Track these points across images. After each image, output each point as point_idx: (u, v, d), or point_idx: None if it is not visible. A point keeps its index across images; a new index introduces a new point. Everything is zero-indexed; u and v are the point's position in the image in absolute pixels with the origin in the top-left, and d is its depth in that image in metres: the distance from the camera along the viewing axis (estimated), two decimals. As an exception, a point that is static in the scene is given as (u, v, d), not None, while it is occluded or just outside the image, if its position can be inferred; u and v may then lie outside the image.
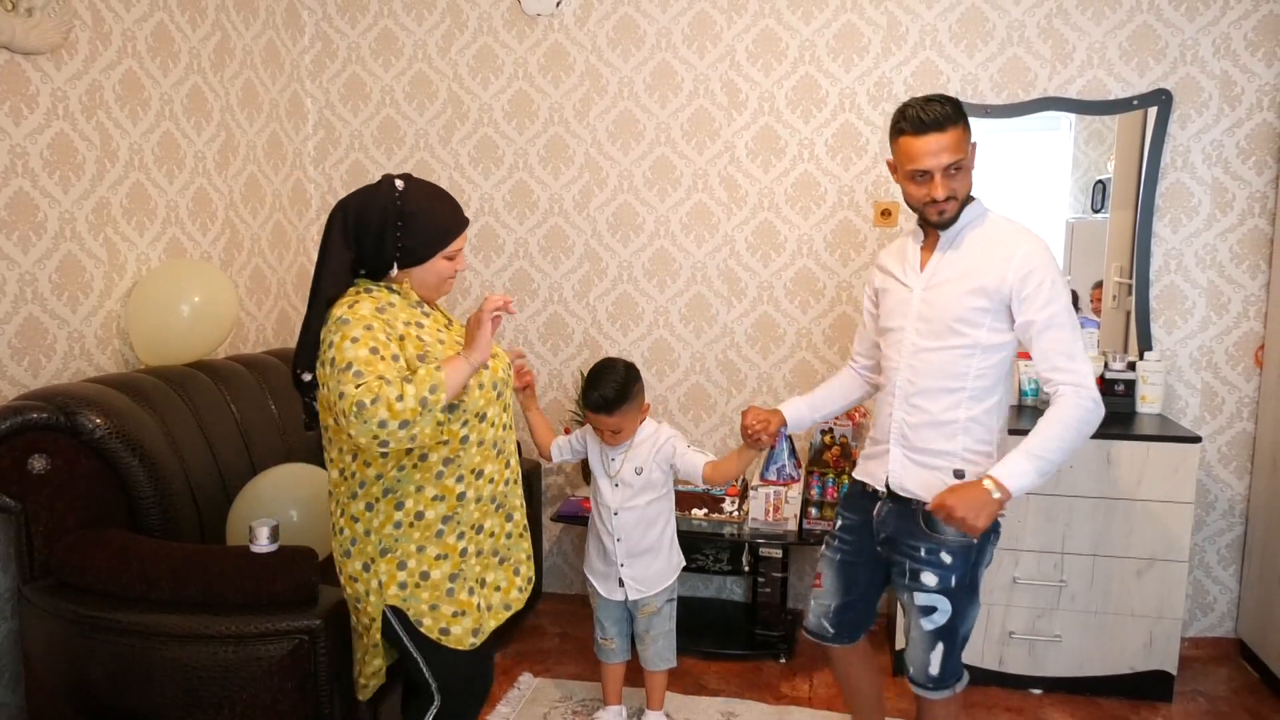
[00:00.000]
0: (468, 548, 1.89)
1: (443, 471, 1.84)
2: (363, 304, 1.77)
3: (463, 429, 1.83)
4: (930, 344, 2.00)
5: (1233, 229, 3.14)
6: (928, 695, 2.07)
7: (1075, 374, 1.88)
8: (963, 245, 2.00)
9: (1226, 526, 3.26)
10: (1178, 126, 3.12)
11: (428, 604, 1.87)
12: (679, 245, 3.49)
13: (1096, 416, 1.89)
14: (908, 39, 3.25)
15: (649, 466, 2.52)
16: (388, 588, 1.85)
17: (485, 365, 1.83)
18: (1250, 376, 3.19)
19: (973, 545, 1.98)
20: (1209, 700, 2.93)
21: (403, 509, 1.83)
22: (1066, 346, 1.89)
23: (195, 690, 2.10)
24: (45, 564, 2.26)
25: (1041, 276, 1.90)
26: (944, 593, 1.99)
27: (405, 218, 1.81)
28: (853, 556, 2.18)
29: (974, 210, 2.02)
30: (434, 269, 1.87)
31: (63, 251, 2.60)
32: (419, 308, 1.90)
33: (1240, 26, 3.05)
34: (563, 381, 3.64)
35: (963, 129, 1.93)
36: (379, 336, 1.72)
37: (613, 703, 2.72)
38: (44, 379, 2.56)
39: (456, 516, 1.86)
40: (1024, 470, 1.86)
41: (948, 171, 1.93)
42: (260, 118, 3.39)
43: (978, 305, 1.94)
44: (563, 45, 3.46)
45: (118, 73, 2.74)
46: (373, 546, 1.85)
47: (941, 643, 2.02)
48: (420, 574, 1.85)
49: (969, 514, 1.83)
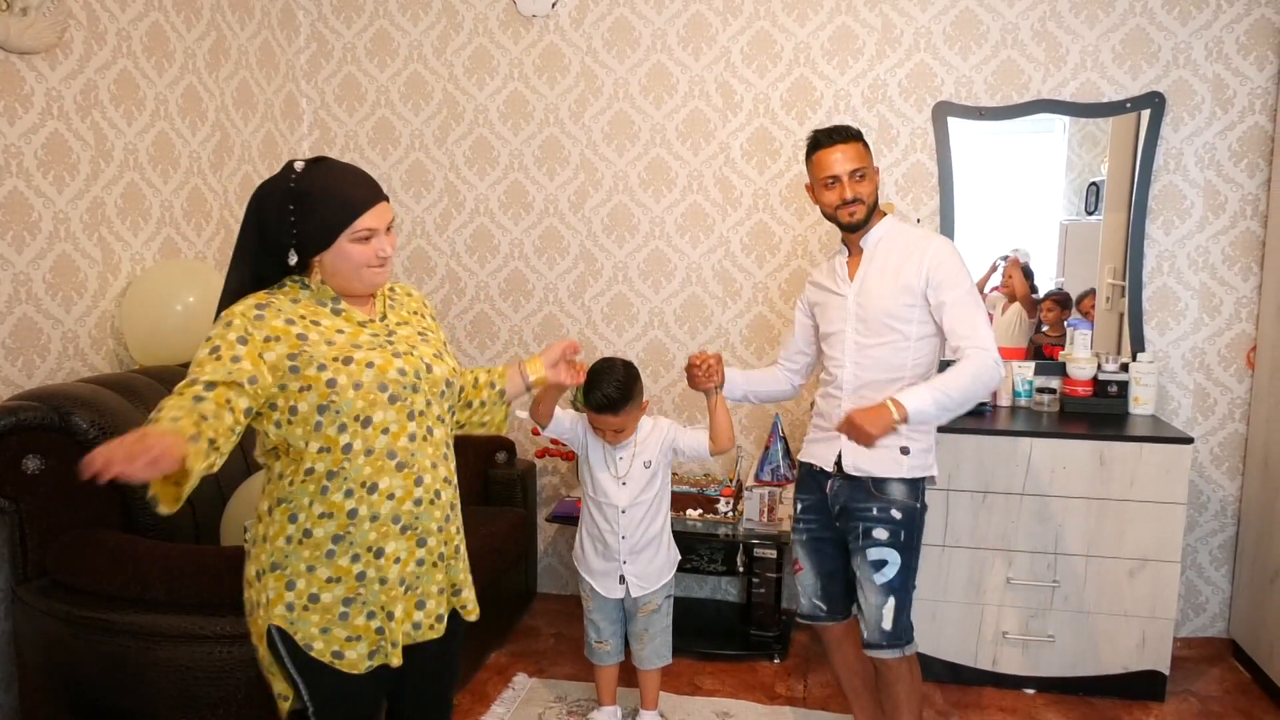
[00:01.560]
0: (366, 572, 1.65)
1: (327, 486, 1.61)
2: (248, 300, 1.63)
3: (341, 435, 1.60)
4: (870, 341, 2.28)
5: (1225, 231, 3.16)
6: (884, 654, 2.26)
7: (979, 339, 2.15)
8: (882, 254, 2.29)
9: (1219, 527, 3.27)
10: (1170, 129, 3.14)
11: (318, 627, 1.64)
12: (674, 246, 3.50)
13: (996, 374, 2.13)
14: (902, 41, 3.26)
15: (656, 459, 2.55)
16: (273, 606, 1.64)
17: (244, 384, 1.55)
18: (1242, 378, 3.20)
19: (916, 507, 2.26)
20: (1201, 700, 2.94)
21: (295, 522, 1.63)
22: (971, 318, 2.17)
23: (191, 690, 2.10)
24: (39, 564, 2.26)
25: (949, 266, 2.21)
26: (894, 546, 2.24)
27: (299, 199, 1.61)
28: (819, 531, 2.40)
29: (887, 224, 2.33)
30: (344, 255, 1.63)
31: (57, 251, 2.60)
32: (330, 304, 1.69)
33: (1232, 30, 3.07)
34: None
35: (863, 147, 2.29)
36: (229, 336, 1.57)
37: (607, 703, 2.72)
38: (38, 379, 2.55)
39: (349, 536, 1.63)
40: (922, 396, 2.08)
41: (853, 176, 2.25)
42: (255, 118, 3.39)
43: (905, 301, 2.23)
44: (558, 46, 3.47)
45: (113, 72, 2.74)
46: (265, 556, 1.65)
47: (892, 597, 2.24)
48: (309, 596, 1.64)
49: (865, 422, 2.04)
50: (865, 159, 2.27)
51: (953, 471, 2.86)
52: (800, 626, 3.39)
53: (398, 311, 1.79)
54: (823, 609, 2.42)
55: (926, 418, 2.11)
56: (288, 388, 1.59)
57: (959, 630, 2.94)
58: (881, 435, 2.05)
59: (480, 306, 3.66)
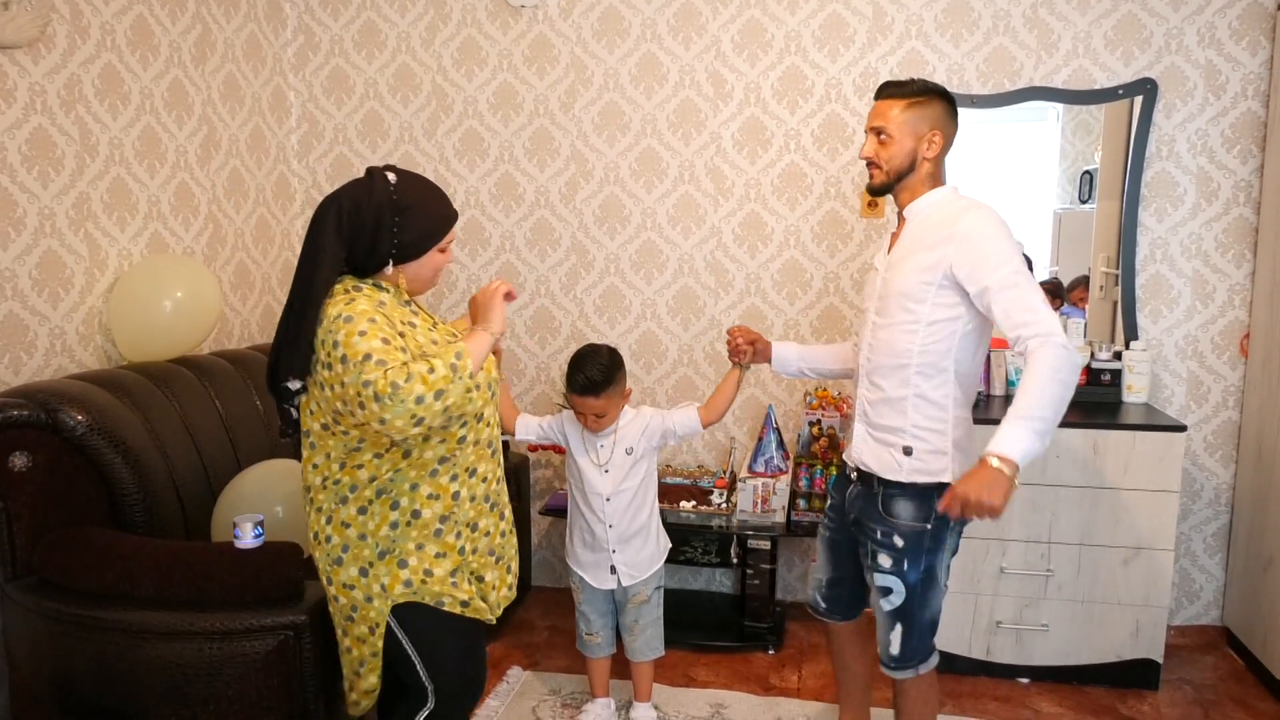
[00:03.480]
0: (465, 546, 1.87)
1: (437, 470, 1.81)
2: (360, 301, 1.71)
3: (461, 429, 1.81)
4: (882, 321, 2.07)
5: (1218, 218, 3.15)
6: (890, 674, 2.17)
7: (1039, 324, 1.85)
8: (920, 227, 2.06)
9: (1212, 515, 3.27)
10: (1163, 116, 3.12)
11: (439, 585, 1.84)
12: (666, 237, 3.48)
13: (1071, 361, 1.84)
14: (893, 29, 3.24)
15: (638, 445, 2.54)
16: (392, 588, 1.82)
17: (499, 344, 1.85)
18: (1236, 365, 3.20)
19: (925, 531, 2.04)
20: (1195, 688, 2.94)
21: (398, 509, 1.80)
22: (1024, 301, 1.87)
23: (180, 687, 2.09)
24: (28, 562, 2.25)
25: (983, 244, 1.92)
26: (897, 575, 2.07)
27: (402, 212, 1.76)
28: (837, 535, 2.29)
29: (938, 195, 2.07)
30: (430, 263, 1.85)
31: (43, 247, 2.58)
32: (408, 306, 1.86)
33: (1225, 15, 3.05)
34: (550, 375, 3.63)
35: (899, 105, 2.04)
36: (385, 329, 1.68)
37: (600, 695, 2.72)
38: (25, 376, 2.54)
39: (453, 515, 1.84)
40: (1019, 435, 1.81)
41: (875, 135, 2.07)
42: (242, 111, 3.37)
43: (923, 280, 1.98)
44: (547, 37, 3.45)
45: (96, 66, 2.72)
46: (369, 550, 1.81)
47: (899, 624, 2.11)
48: (424, 571, 1.83)
49: (982, 494, 1.77)
50: (889, 117, 2.04)
51: (946, 461, 2.85)
52: (795, 617, 3.39)
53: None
54: (823, 606, 2.37)
55: (1037, 454, 1.83)
56: None
57: (952, 620, 2.93)
58: (1006, 501, 1.78)
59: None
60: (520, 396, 3.66)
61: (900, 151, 2.04)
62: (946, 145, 2.07)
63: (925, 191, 2.07)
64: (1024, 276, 1.89)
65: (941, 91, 2.07)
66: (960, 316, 2.00)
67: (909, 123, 2.03)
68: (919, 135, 2.04)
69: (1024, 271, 1.90)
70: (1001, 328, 1.92)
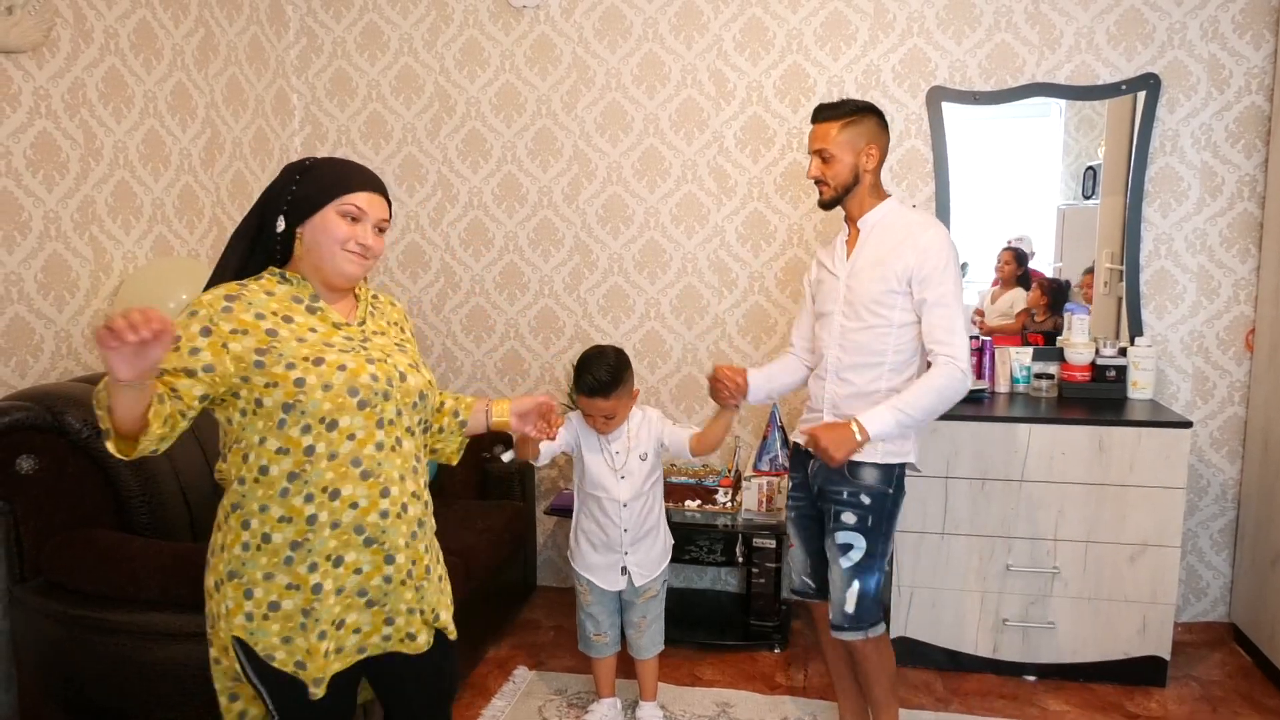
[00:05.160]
0: (322, 583, 1.59)
1: (288, 489, 1.57)
2: (218, 290, 1.60)
3: (305, 436, 1.56)
4: (854, 324, 2.27)
5: (1222, 213, 3.13)
6: (846, 636, 2.30)
7: (951, 347, 2.16)
8: (875, 238, 2.27)
9: (1219, 511, 3.26)
10: (1166, 111, 3.12)
11: (279, 636, 1.60)
12: (669, 237, 3.48)
13: (963, 386, 2.16)
14: (895, 26, 3.23)
15: (651, 450, 2.55)
16: (233, 616, 1.59)
17: (197, 371, 1.51)
18: (1241, 361, 3.19)
19: (888, 495, 2.27)
20: (1202, 685, 2.93)
21: (249, 529, 1.58)
22: (949, 323, 2.17)
23: (185, 689, 2.10)
24: (35, 564, 2.26)
25: (937, 262, 2.17)
26: (860, 531, 2.26)
27: (306, 170, 1.65)
28: (806, 509, 2.42)
29: (887, 207, 2.29)
30: (327, 228, 1.61)
31: (48, 251, 2.59)
32: (307, 300, 1.65)
33: (1228, 9, 3.04)
34: (554, 375, 3.63)
35: (836, 125, 2.23)
36: (191, 328, 1.53)
37: (606, 695, 2.72)
38: (31, 379, 2.55)
39: (307, 543, 1.58)
40: (885, 420, 2.13)
41: (819, 156, 2.26)
42: (246, 114, 3.38)
43: (889, 289, 2.21)
44: (549, 37, 3.45)
45: (100, 70, 2.73)
46: (223, 565, 1.60)
47: (857, 580, 2.27)
48: (269, 604, 1.59)
49: (830, 445, 2.11)
50: (828, 139, 2.23)
51: (951, 459, 2.85)
52: (800, 615, 3.39)
53: (377, 320, 1.75)
54: (811, 585, 2.46)
55: (889, 437, 2.18)
56: (251, 380, 1.55)
57: (959, 617, 2.93)
58: (846, 458, 2.13)
59: (476, 300, 3.65)
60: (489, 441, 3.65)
61: (843, 169, 2.25)
62: (883, 155, 2.28)
63: (873, 203, 2.29)
64: (955, 299, 2.20)
65: (871, 108, 2.27)
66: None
67: (847, 141, 2.23)
68: (857, 150, 2.24)
69: (958, 295, 2.21)
70: (924, 334, 2.21)
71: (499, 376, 3.68)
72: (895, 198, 2.33)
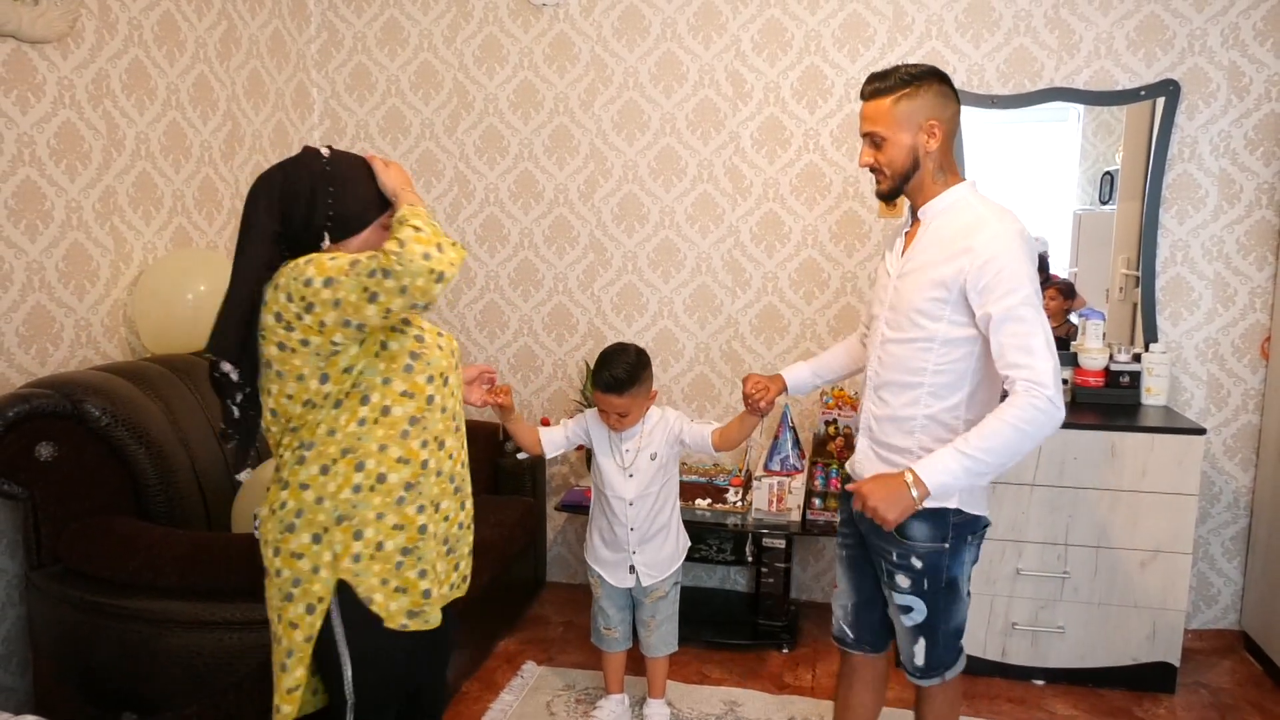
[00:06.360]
0: (427, 525, 1.70)
1: (408, 431, 1.66)
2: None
3: (429, 386, 1.69)
4: (894, 335, 1.91)
5: (1240, 220, 3.13)
6: (916, 682, 2.06)
7: (1031, 370, 1.72)
8: (936, 232, 1.88)
9: (1231, 519, 3.25)
10: (1185, 117, 3.11)
11: (378, 578, 1.66)
12: (684, 236, 3.49)
13: (1049, 418, 1.71)
14: (914, 29, 3.23)
15: (663, 451, 2.54)
16: (341, 559, 1.63)
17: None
18: (1256, 369, 3.18)
19: (943, 550, 1.90)
20: (1212, 692, 2.93)
21: (363, 470, 1.63)
22: (1023, 340, 1.74)
23: (201, 676, 2.12)
24: (52, 551, 2.28)
25: (1000, 265, 1.76)
26: (917, 594, 1.94)
27: (336, 183, 1.64)
28: (855, 551, 2.09)
29: (955, 194, 1.89)
30: (373, 241, 1.68)
31: (69, 240, 2.61)
32: None
33: (1249, 16, 3.03)
34: (567, 372, 3.64)
35: (887, 102, 1.85)
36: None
37: (615, 691, 2.73)
38: (51, 367, 2.57)
39: (419, 486, 1.68)
40: (950, 469, 1.73)
41: (869, 140, 1.90)
42: (266, 107, 3.40)
43: (935, 296, 1.83)
44: (568, 35, 3.46)
45: (124, 62, 2.75)
46: (326, 515, 1.63)
47: (922, 638, 1.98)
48: (376, 545, 1.65)
49: (880, 505, 1.75)
50: (881, 119, 1.86)
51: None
52: (809, 616, 3.39)
53: None
54: (850, 636, 2.14)
55: (958, 489, 1.78)
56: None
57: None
58: (900, 519, 1.76)
59: (490, 296, 3.67)
60: (537, 392, 3.68)
61: (899, 153, 1.87)
62: (950, 131, 1.88)
63: (939, 189, 1.89)
64: (1031, 309, 1.75)
65: (932, 72, 1.87)
66: (979, 336, 1.84)
67: (902, 119, 1.85)
68: (915, 128, 1.85)
69: (1033, 303, 1.76)
70: (995, 358, 1.79)
71: (512, 372, 3.69)
72: (969, 183, 1.92)
